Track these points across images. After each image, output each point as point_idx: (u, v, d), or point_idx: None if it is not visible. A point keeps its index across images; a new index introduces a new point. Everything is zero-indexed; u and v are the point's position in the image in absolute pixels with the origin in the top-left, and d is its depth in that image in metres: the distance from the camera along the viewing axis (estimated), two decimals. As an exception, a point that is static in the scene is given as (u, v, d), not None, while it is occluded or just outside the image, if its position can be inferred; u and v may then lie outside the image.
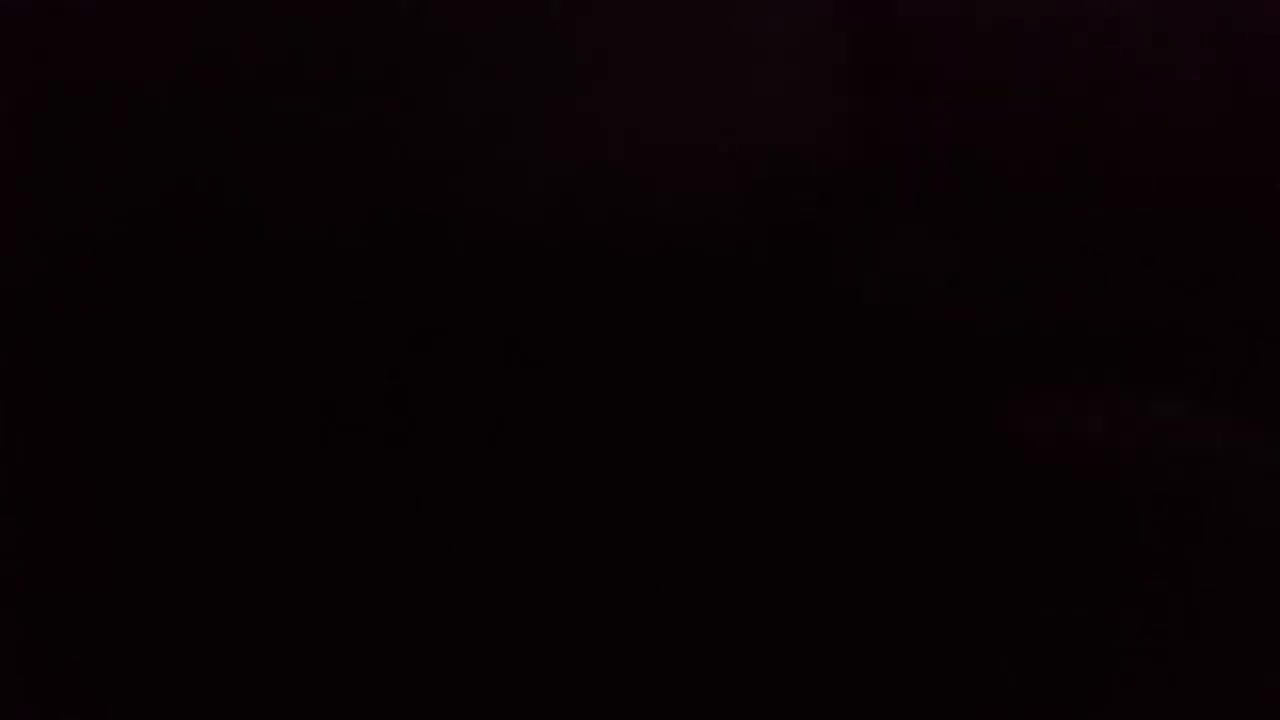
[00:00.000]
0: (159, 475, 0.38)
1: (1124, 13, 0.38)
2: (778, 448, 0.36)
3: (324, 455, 0.38)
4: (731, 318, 0.38)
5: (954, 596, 0.33)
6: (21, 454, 0.38)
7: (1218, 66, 0.37)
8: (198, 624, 0.38)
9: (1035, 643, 0.32)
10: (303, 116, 0.40)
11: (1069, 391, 0.26)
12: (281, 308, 0.38)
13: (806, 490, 0.36)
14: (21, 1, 0.37)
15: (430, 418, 0.39)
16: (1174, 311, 0.38)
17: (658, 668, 0.37)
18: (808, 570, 0.36)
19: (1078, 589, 0.32)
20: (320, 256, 0.39)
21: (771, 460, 0.36)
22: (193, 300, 0.39)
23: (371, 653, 0.38)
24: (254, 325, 0.39)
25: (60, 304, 0.38)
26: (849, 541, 0.35)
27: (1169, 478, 0.27)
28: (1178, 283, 0.38)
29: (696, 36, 0.38)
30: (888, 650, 0.36)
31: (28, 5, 0.37)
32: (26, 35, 0.37)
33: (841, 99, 0.29)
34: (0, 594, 0.37)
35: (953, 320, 0.29)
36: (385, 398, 0.39)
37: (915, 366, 0.30)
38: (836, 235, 0.31)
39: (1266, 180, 0.38)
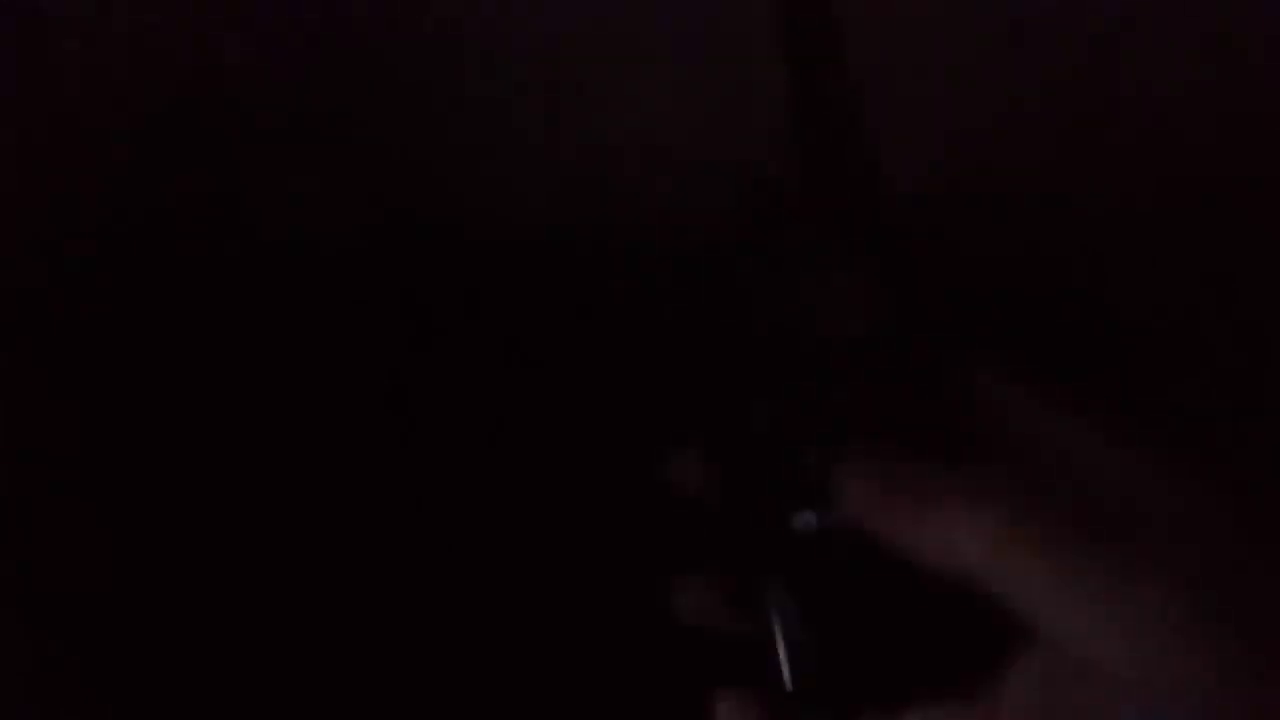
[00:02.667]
0: (158, 475, 0.38)
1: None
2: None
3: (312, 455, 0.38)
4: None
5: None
6: (22, 454, 0.38)
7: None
8: (197, 624, 0.38)
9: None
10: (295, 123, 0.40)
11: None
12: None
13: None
14: (22, 2, 0.37)
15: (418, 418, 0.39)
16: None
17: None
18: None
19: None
20: (306, 260, 0.39)
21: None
22: (192, 301, 0.39)
23: (365, 649, 0.38)
24: (242, 328, 0.39)
25: (60, 304, 0.38)
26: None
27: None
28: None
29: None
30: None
31: (28, 6, 0.37)
32: (27, 37, 0.37)
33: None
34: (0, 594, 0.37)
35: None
36: (373, 399, 0.39)
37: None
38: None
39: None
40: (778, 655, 0.23)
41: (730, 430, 0.24)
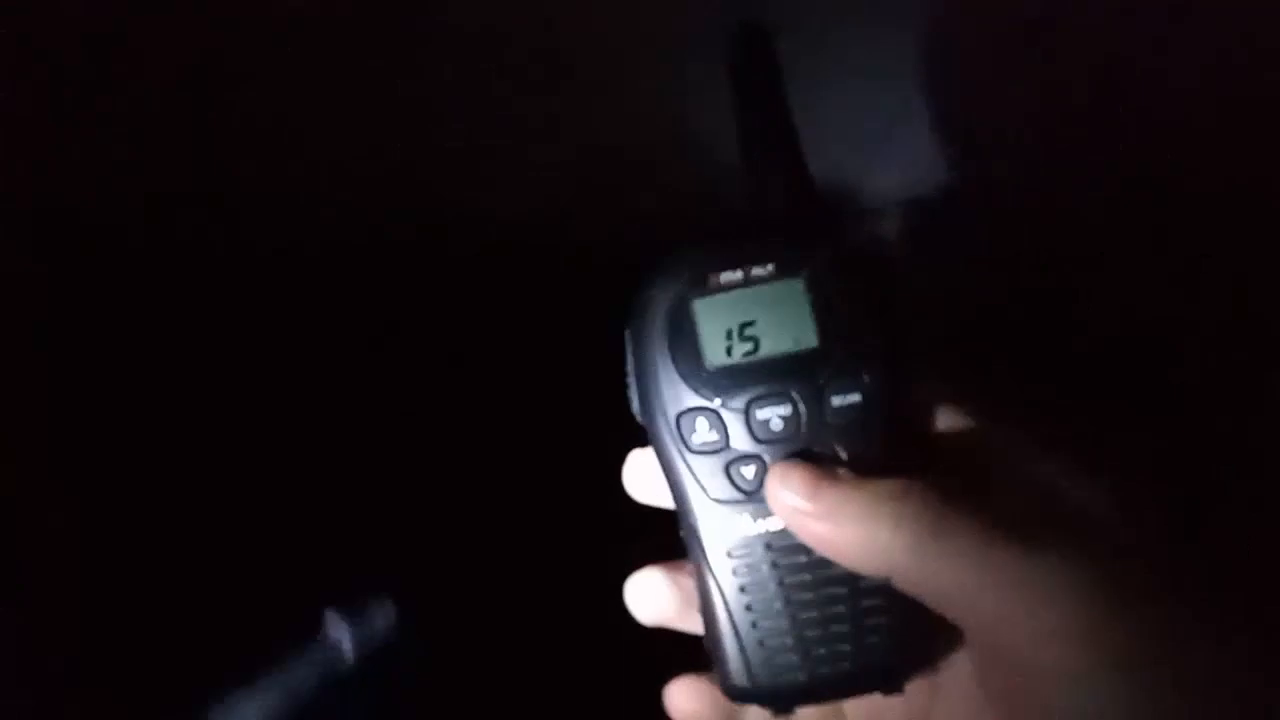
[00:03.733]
0: (156, 474, 0.39)
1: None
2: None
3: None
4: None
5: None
6: (21, 454, 0.38)
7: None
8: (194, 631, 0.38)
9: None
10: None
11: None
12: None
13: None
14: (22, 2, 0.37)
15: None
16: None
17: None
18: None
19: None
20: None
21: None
22: (190, 300, 0.39)
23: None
24: (239, 327, 0.39)
25: (60, 303, 0.38)
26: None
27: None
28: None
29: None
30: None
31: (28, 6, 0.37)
32: (27, 34, 0.37)
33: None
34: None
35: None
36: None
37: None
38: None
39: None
40: (723, 647, 0.25)
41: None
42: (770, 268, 0.24)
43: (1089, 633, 0.21)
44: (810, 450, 0.24)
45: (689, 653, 0.26)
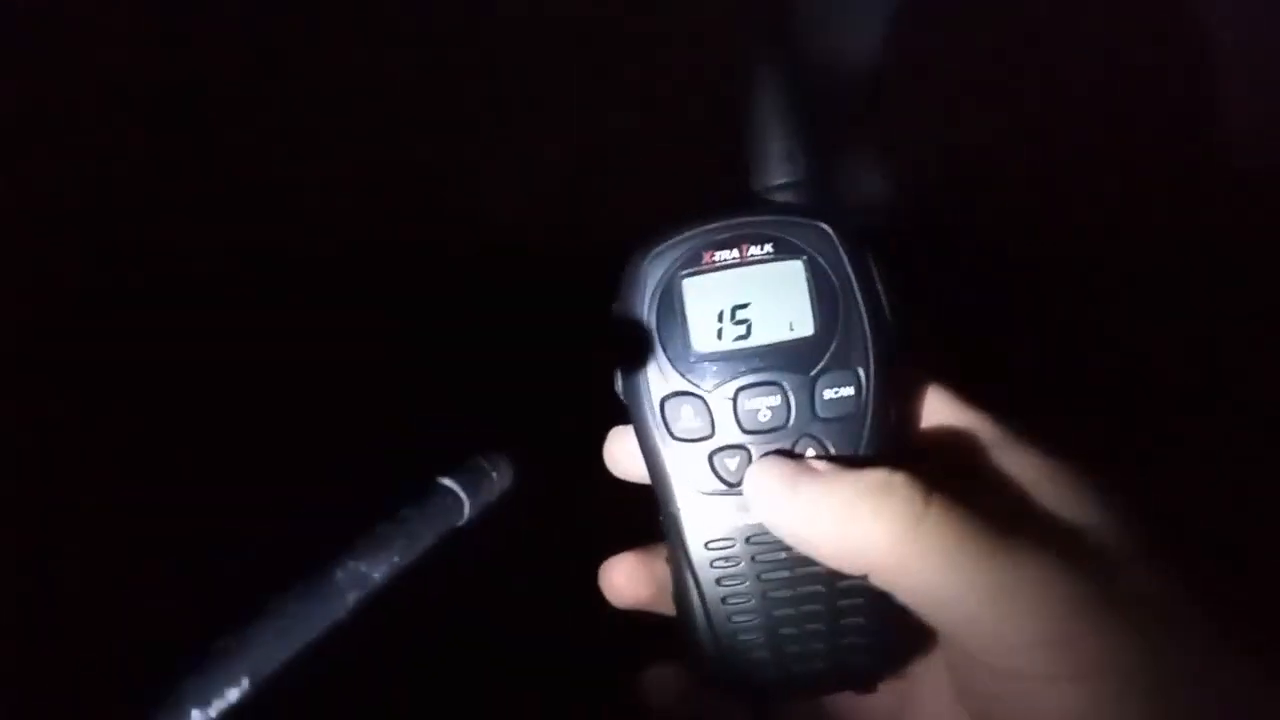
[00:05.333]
0: (153, 475, 0.38)
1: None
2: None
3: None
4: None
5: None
6: (21, 453, 0.38)
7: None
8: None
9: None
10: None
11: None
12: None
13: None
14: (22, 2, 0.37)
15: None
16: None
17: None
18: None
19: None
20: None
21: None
22: (190, 300, 0.39)
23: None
24: (239, 328, 0.39)
25: (59, 303, 0.38)
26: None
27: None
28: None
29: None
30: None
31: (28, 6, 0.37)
32: (27, 37, 0.37)
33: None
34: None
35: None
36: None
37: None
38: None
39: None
40: (696, 639, 0.24)
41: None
42: (768, 248, 0.23)
43: (1062, 639, 0.20)
44: (797, 444, 0.23)
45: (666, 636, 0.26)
